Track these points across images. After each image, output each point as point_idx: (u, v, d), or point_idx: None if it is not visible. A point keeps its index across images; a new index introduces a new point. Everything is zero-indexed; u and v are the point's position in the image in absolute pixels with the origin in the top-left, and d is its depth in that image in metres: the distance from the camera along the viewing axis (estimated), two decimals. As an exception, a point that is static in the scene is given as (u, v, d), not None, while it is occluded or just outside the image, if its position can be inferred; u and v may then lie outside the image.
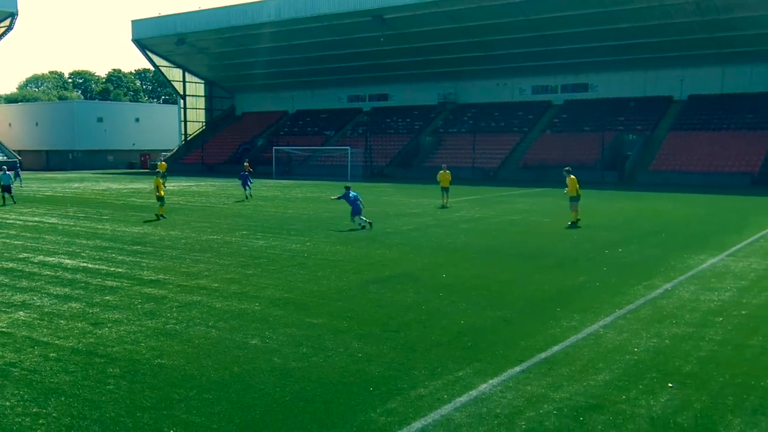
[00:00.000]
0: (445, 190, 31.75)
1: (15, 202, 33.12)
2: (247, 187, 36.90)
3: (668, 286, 13.87)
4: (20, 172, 51.81)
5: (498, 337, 10.18)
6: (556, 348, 9.65)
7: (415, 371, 8.68)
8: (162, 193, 26.79)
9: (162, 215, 26.39)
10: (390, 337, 10.20)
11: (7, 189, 33.35)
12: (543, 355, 9.35)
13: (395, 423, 7.10)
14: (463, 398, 7.77)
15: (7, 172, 33.90)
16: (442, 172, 31.96)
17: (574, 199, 24.07)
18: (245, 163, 54.09)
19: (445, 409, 7.47)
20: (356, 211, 22.94)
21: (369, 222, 22.96)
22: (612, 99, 62.96)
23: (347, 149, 62.79)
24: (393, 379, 8.38)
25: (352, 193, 23.10)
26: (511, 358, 9.20)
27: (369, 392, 7.97)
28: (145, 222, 25.35)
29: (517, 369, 8.76)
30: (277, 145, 69.43)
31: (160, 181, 27.41)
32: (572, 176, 24.23)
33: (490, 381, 8.32)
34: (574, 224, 23.77)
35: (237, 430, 6.95)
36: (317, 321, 11.09)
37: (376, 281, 14.36)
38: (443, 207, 30.96)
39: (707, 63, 58.33)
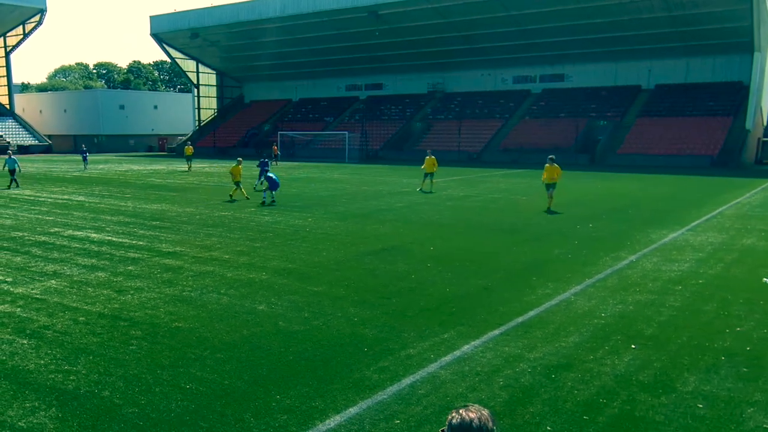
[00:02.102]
0: (429, 175, 29.75)
1: (18, 186, 30.73)
2: (261, 179, 29.92)
3: (633, 257, 13.96)
4: (87, 157, 48.49)
5: (479, 304, 10.25)
6: (531, 313, 9.73)
7: (404, 334, 8.75)
8: (239, 178, 25.77)
9: (233, 198, 25.56)
10: (383, 303, 10.26)
11: (12, 172, 31.25)
12: (520, 319, 9.43)
13: (387, 379, 7.18)
14: (448, 358, 7.85)
15: (13, 157, 31.87)
16: (427, 157, 29.90)
17: (551, 186, 22.31)
18: (273, 147, 53.75)
19: (432, 367, 7.55)
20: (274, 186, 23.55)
21: (273, 200, 24.14)
22: (586, 88, 62.71)
23: (345, 134, 62.53)
24: (385, 341, 8.46)
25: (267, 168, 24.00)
26: (491, 322, 9.28)
27: (364, 352, 8.05)
28: (226, 202, 25.30)
29: (497, 332, 8.84)
30: (281, 131, 69.07)
31: (239, 167, 25.90)
32: (555, 165, 22.32)
33: (472, 342, 8.40)
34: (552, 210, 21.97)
35: (246, 386, 7.02)
36: (318, 289, 11.14)
37: (371, 253, 14.40)
38: (422, 191, 28.70)
39: (673, 55, 58.09)
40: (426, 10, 59.54)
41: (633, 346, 8.29)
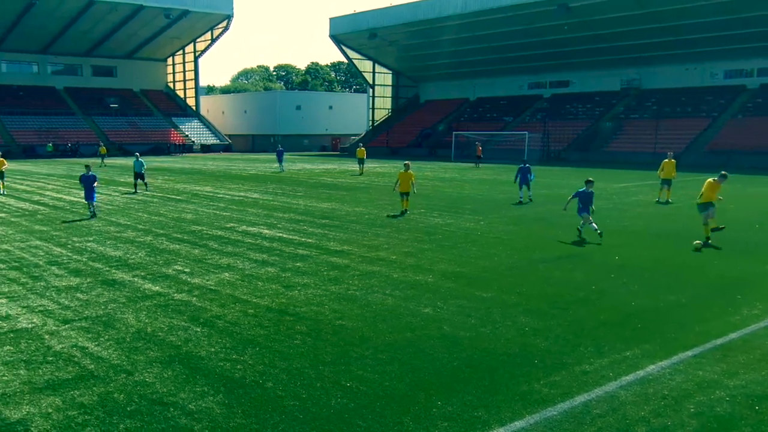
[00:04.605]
0: (666, 182, 26.10)
1: (147, 189, 30.39)
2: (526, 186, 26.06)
3: None
4: (284, 157, 47.62)
5: (670, 321, 9.61)
6: (733, 335, 8.95)
7: (581, 348, 8.44)
8: (406, 188, 22.15)
9: (404, 209, 22.27)
10: (557, 314, 9.97)
11: (140, 176, 30.40)
12: (718, 341, 8.71)
13: (558, 395, 6.97)
14: (630, 377, 7.46)
15: (140, 159, 30.74)
16: (666, 161, 26.13)
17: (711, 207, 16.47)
18: (478, 147, 54.62)
19: (610, 386, 7.21)
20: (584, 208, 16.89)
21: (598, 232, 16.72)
22: (818, 82, 56.46)
23: (525, 134, 61.57)
24: (558, 354, 8.21)
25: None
26: (683, 342, 8.66)
27: (533, 364, 7.87)
28: (388, 216, 26.36)
29: (689, 353, 8.24)
30: (456, 131, 69.56)
31: (409, 173, 22.12)
32: (715, 180, 16.37)
33: (659, 363, 7.90)
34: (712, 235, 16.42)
35: (406, 389, 7.15)
36: (486, 295, 11.07)
37: (546, 260, 14.04)
38: (660, 202, 25.59)
39: None
40: (623, 0, 57.01)
41: None
